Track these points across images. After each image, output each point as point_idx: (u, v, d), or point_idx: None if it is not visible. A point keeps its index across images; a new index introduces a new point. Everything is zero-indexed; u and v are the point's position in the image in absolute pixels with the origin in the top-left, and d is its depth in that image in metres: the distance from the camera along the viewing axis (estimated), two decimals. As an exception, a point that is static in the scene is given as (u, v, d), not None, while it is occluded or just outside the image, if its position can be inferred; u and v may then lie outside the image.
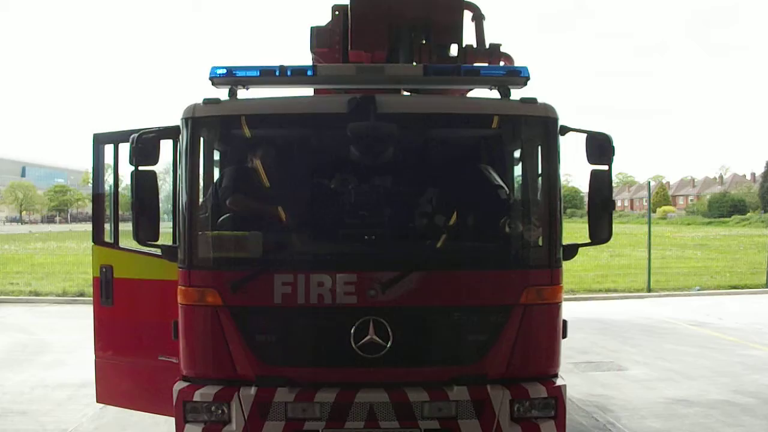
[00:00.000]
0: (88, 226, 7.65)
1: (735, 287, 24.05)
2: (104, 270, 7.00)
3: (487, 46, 7.24)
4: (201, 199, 5.87)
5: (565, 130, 5.87)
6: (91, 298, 7.32)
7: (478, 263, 5.78)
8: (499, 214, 6.07)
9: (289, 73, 5.87)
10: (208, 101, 5.79)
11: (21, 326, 16.34)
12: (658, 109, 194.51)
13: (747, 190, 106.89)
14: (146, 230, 5.65)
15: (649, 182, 28.84)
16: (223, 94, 5.97)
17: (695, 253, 36.48)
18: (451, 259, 5.83)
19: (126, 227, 6.27)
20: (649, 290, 22.83)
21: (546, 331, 5.82)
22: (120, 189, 6.99)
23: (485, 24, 7.32)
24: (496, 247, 5.98)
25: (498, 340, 5.67)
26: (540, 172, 5.86)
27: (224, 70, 5.84)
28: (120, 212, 7.09)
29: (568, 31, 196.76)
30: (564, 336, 5.97)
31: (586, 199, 5.98)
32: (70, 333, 14.88)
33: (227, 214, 5.96)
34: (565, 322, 5.97)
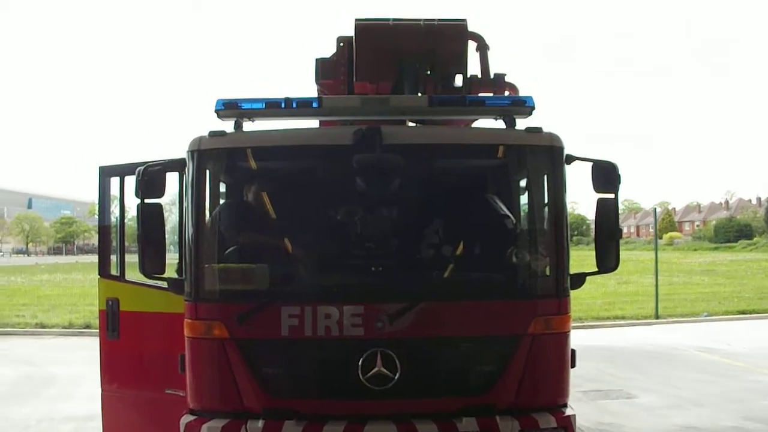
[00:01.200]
0: (94, 258, 7.65)
1: (743, 312, 23.92)
2: (110, 303, 6.99)
3: (492, 76, 7.24)
4: (207, 232, 5.86)
5: (570, 158, 5.86)
6: (98, 330, 7.29)
7: (486, 293, 5.75)
8: (506, 244, 6.05)
9: (294, 105, 5.87)
10: (213, 134, 5.79)
11: (27, 358, 16.30)
12: (661, 134, 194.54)
13: (753, 215, 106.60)
14: (152, 263, 5.64)
15: (655, 209, 28.81)
16: (228, 126, 5.97)
17: (702, 279, 36.35)
18: (459, 290, 5.80)
19: (132, 259, 6.26)
20: (657, 317, 22.70)
21: (555, 361, 5.77)
22: (126, 220, 6.98)
23: (490, 54, 7.32)
24: (504, 277, 5.95)
25: (506, 370, 5.62)
26: (546, 201, 5.85)
27: (229, 103, 5.86)
28: (126, 244, 7.08)
29: (570, 60, 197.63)
30: (573, 365, 5.93)
31: (592, 226, 5.95)
32: (77, 365, 14.83)
33: (233, 247, 5.95)
34: (573, 351, 5.93)
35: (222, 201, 6.38)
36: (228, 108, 5.85)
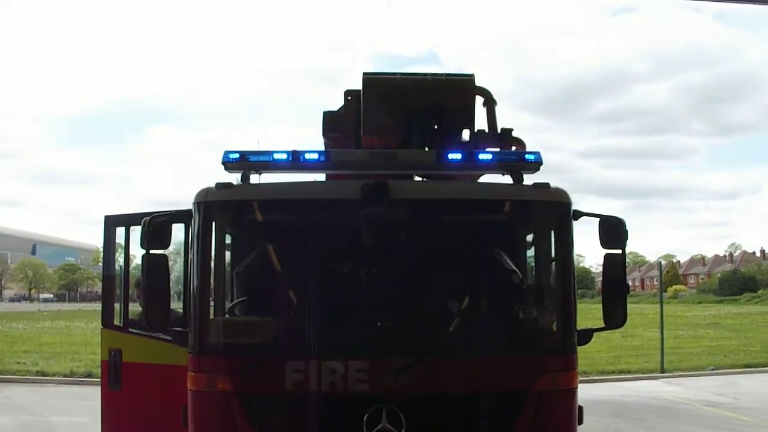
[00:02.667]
0: (97, 306, 7.62)
1: (749, 366, 23.69)
2: (113, 354, 6.94)
3: (499, 131, 7.26)
4: (212, 284, 5.83)
5: (578, 214, 5.86)
6: (99, 380, 7.22)
7: (492, 349, 5.69)
8: (513, 300, 6.03)
9: (301, 158, 5.91)
10: (220, 185, 5.80)
11: (26, 407, 16.13)
12: (665, 188, 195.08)
13: (757, 268, 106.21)
14: (156, 316, 5.62)
15: (660, 262, 28.69)
16: (235, 178, 5.99)
17: (708, 332, 36.08)
18: (465, 346, 5.76)
19: (136, 308, 6.22)
20: (663, 370, 22.49)
21: (562, 418, 5.70)
22: (131, 268, 6.97)
23: (497, 109, 7.35)
24: (510, 333, 5.91)
25: (513, 427, 5.55)
26: (553, 256, 5.84)
27: (237, 155, 5.88)
28: (130, 292, 7.05)
29: (574, 113, 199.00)
30: (580, 422, 5.85)
31: (597, 279, 5.91)
32: (77, 415, 14.68)
33: (238, 300, 5.93)
34: (580, 408, 5.85)
35: (228, 253, 6.37)
36: (236, 161, 5.87)
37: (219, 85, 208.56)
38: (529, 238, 6.39)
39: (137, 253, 5.85)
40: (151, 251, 5.59)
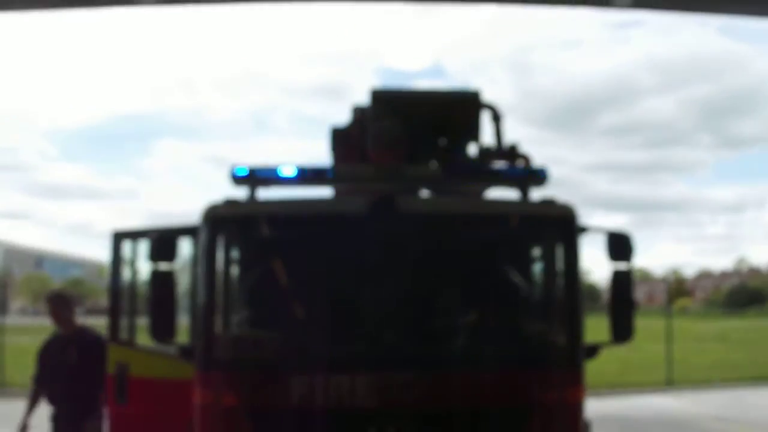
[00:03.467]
0: (103, 320, 7.63)
1: (757, 379, 23.55)
2: (120, 368, 6.94)
3: (506, 146, 7.30)
4: (219, 299, 5.85)
5: (584, 229, 5.91)
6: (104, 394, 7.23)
7: (499, 364, 5.70)
8: (520, 315, 6.06)
9: (309, 173, 5.96)
10: (228, 201, 5.85)
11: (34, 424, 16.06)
12: (672, 202, 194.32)
13: (764, 282, 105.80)
14: (163, 330, 5.64)
15: (667, 276, 28.53)
16: (242, 193, 6.06)
17: (715, 346, 35.92)
18: (471, 361, 5.76)
19: (142, 323, 6.23)
20: (670, 384, 22.40)
21: None
22: (137, 282, 6.99)
23: (503, 124, 7.39)
24: (517, 348, 5.90)
25: None
26: (560, 271, 5.86)
27: (246, 171, 5.94)
28: (137, 308, 7.07)
29: (580, 126, 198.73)
30: None
31: (604, 294, 5.92)
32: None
33: (245, 315, 5.94)
34: (588, 424, 5.85)
35: (235, 269, 6.39)
36: (244, 176, 5.93)
37: (225, 98, 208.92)
38: (536, 252, 6.39)
39: (144, 267, 5.89)
40: (159, 266, 5.63)
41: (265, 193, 6.18)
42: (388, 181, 6.15)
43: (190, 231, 5.98)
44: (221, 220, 5.79)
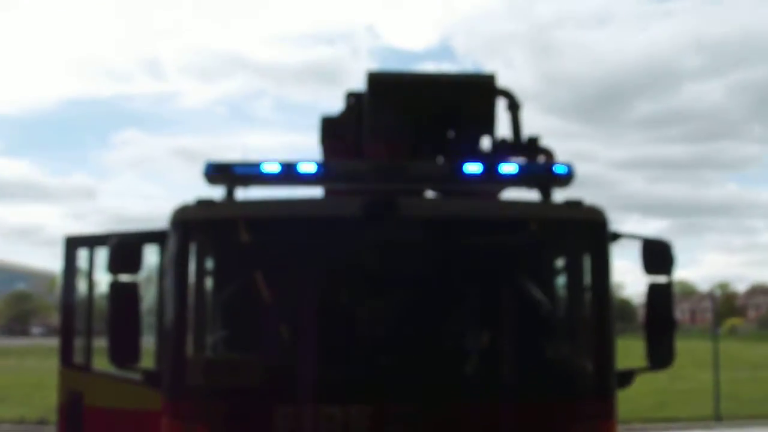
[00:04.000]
0: (53, 341, 7.62)
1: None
2: (72, 396, 6.94)
3: (524, 140, 7.31)
4: (191, 316, 5.87)
5: (616, 236, 5.92)
6: (55, 427, 7.22)
7: (517, 394, 5.72)
8: (541, 336, 6.09)
9: (295, 170, 5.99)
10: (201, 202, 5.86)
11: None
12: (720, 205, 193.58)
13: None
14: (124, 352, 5.64)
15: (714, 291, 28.60)
16: (218, 193, 6.08)
17: (771, 375, 35.86)
18: (485, 389, 5.78)
19: (101, 344, 6.23)
20: (718, 419, 22.38)
21: None
22: (94, 297, 6.98)
23: (522, 113, 7.40)
24: (538, 375, 5.91)
25: None
26: (588, 285, 5.89)
27: (222, 167, 5.96)
28: (94, 326, 7.05)
29: (612, 116, 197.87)
30: None
31: (639, 312, 5.95)
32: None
33: (221, 334, 5.97)
34: None
35: (210, 281, 6.43)
36: (219, 172, 5.95)
37: (197, 83, 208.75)
38: (561, 263, 6.44)
39: (102, 279, 5.90)
40: (119, 278, 5.63)
41: (245, 194, 6.20)
42: (388, 179, 6.16)
43: (156, 237, 5.99)
44: (193, 225, 5.82)
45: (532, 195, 6.26)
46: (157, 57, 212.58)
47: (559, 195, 6.15)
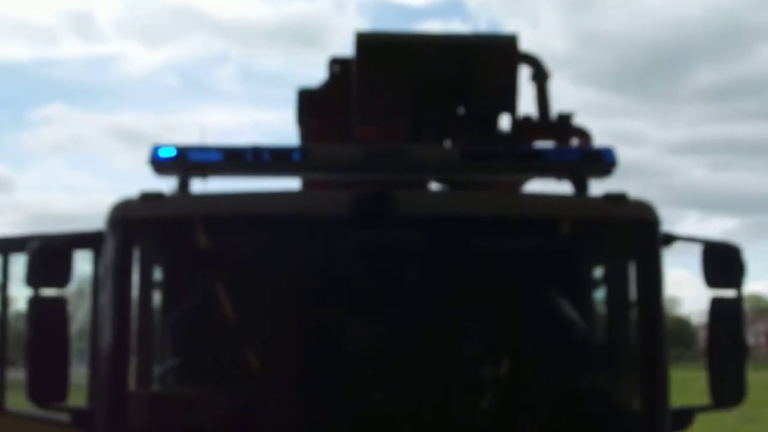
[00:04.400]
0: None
1: None
2: None
3: (554, 117, 7.31)
4: (134, 340, 5.90)
5: (670, 238, 5.88)
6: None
7: None
8: (574, 364, 6.06)
9: (266, 156, 5.96)
10: (148, 196, 5.81)
11: None
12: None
13: None
14: (47, 386, 5.59)
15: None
16: (168, 184, 6.07)
17: None
18: (505, 429, 5.80)
19: (17, 377, 6.21)
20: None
21: None
22: (9, 317, 6.97)
23: (550, 84, 7.40)
24: (571, 413, 5.91)
25: None
26: (634, 301, 5.88)
27: (173, 152, 5.92)
28: (8, 355, 7.03)
29: (665, 87, 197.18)
30: None
31: (700, 335, 5.95)
32: None
33: (171, 362, 5.95)
34: None
35: (158, 295, 6.46)
36: (170, 159, 5.92)
37: (139, 46, 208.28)
38: (599, 274, 6.44)
39: (20, 293, 5.87)
40: (42, 291, 5.59)
41: (203, 186, 6.20)
42: (382, 168, 6.14)
43: (89, 240, 5.94)
44: (137, 225, 5.79)
45: (562, 187, 6.26)
46: (89, 11, 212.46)
47: (598, 187, 6.12)
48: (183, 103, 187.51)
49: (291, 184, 6.83)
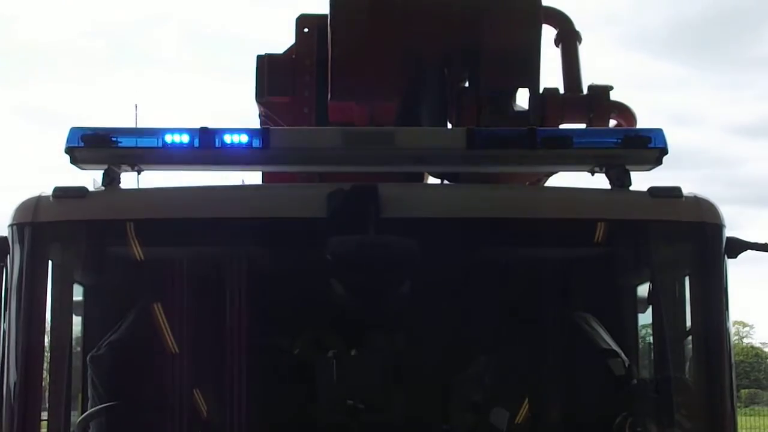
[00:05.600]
0: None
1: None
2: None
3: (586, 90, 7.22)
4: (46, 371, 5.82)
5: (736, 245, 5.85)
6: None
7: None
8: (613, 402, 6.00)
9: (216, 142, 5.86)
10: (61, 192, 5.76)
11: None
12: None
13: None
14: None
15: None
16: (90, 178, 6.05)
17: None
18: None
19: None
20: None
21: None
22: None
23: (580, 51, 7.33)
24: None
25: None
26: (691, 324, 5.83)
27: (95, 137, 5.83)
28: None
29: (728, 54, 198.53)
30: None
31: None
32: None
33: (97, 396, 5.99)
34: None
35: (78, 313, 6.39)
36: (93, 145, 5.84)
37: (53, 4, 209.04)
38: (643, 290, 6.39)
39: None
40: None
41: (134, 180, 6.19)
42: (365, 157, 6.10)
43: None
44: (49, 228, 5.77)
45: (597, 181, 6.21)
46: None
47: (642, 180, 6.10)
48: (108, 74, 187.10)
49: (250, 177, 6.85)
